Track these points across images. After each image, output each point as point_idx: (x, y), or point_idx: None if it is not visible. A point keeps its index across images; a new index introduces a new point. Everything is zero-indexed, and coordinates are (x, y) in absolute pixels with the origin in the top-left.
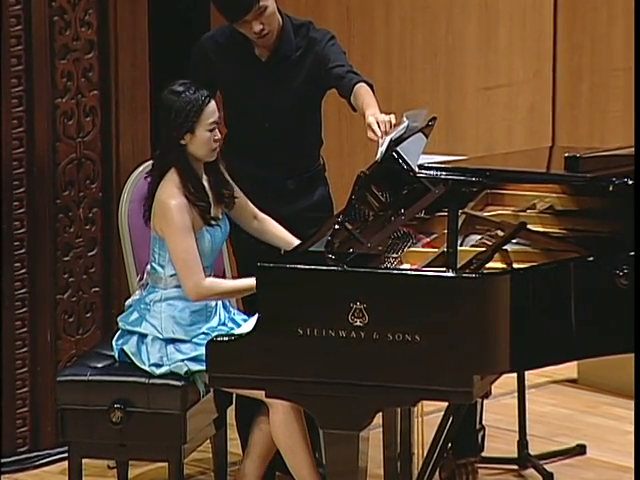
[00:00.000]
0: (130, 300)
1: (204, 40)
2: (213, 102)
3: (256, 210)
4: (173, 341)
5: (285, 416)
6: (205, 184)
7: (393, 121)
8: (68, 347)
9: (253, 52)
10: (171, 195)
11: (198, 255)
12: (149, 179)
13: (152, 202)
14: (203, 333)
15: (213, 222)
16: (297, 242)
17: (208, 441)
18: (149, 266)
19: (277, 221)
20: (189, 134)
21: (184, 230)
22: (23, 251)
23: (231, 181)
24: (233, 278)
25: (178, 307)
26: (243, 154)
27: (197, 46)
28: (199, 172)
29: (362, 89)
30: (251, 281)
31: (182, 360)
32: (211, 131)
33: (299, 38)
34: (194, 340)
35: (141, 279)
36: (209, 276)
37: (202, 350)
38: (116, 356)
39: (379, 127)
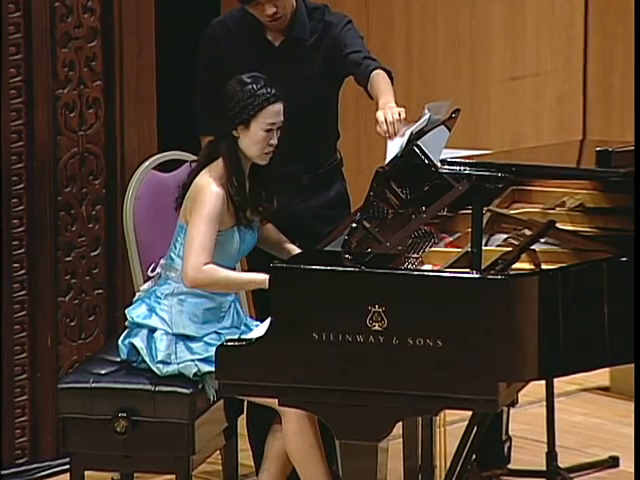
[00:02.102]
0: (139, 293)
1: (214, 25)
2: (280, 104)
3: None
4: (183, 338)
5: (298, 425)
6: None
7: (403, 116)
8: (70, 352)
9: (265, 37)
10: (212, 182)
11: (213, 244)
12: (193, 164)
13: (188, 188)
14: (215, 332)
15: (246, 222)
16: (298, 251)
17: (217, 452)
18: (164, 257)
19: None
20: (243, 126)
21: (211, 217)
22: (22, 251)
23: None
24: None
25: (190, 303)
26: None
27: (206, 32)
28: (245, 170)
29: (378, 76)
30: (256, 275)
31: (192, 360)
32: (267, 131)
33: (314, 22)
34: (205, 339)
35: (153, 270)
36: None
37: (214, 352)
38: (124, 354)
39: (387, 127)
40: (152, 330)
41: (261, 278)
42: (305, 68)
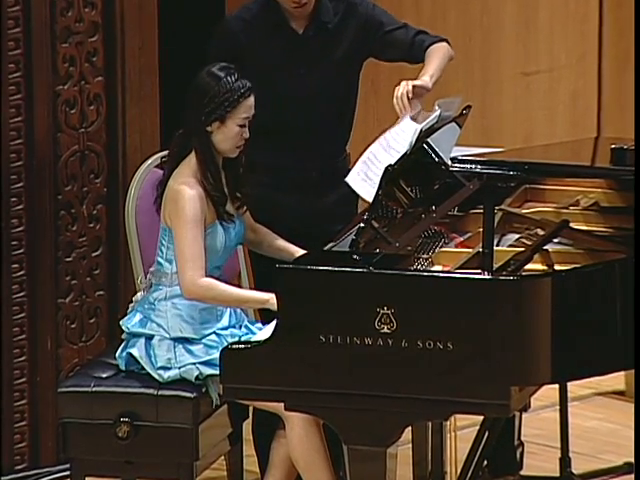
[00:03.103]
0: (133, 303)
1: (230, 21)
2: (253, 97)
3: (252, 221)
4: (182, 341)
5: (304, 430)
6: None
7: (409, 88)
8: (70, 355)
9: (289, 25)
10: (186, 183)
11: (203, 250)
12: (164, 166)
13: (165, 189)
14: (214, 333)
15: (227, 217)
16: (300, 252)
17: (222, 458)
18: (153, 266)
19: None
20: (218, 123)
21: (194, 221)
22: (21, 251)
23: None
24: (249, 282)
25: (185, 305)
26: (265, 142)
27: (221, 29)
28: (219, 164)
29: (430, 52)
30: (256, 294)
31: (193, 363)
32: (241, 126)
33: (334, 2)
34: (205, 341)
35: (145, 278)
36: (218, 277)
37: (215, 353)
38: (123, 366)
39: (398, 106)
40: (149, 337)
41: (262, 298)
42: (330, 52)
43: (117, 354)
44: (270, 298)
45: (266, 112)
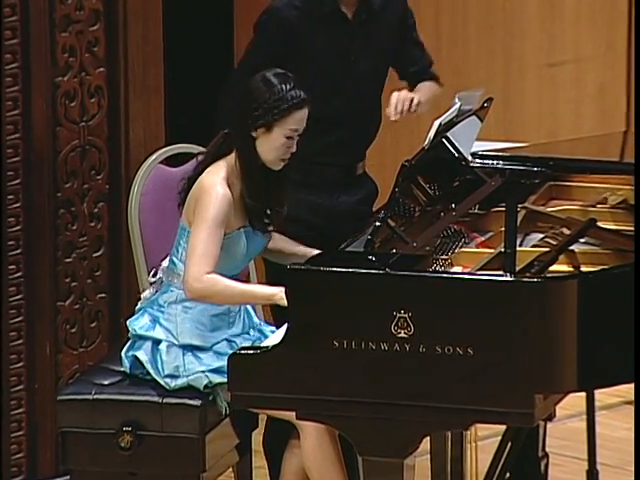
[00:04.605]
0: (141, 302)
1: (280, 10)
2: (306, 109)
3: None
4: (191, 348)
5: (318, 441)
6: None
7: (415, 101)
8: (70, 361)
9: (340, 9)
10: (217, 182)
11: (217, 251)
12: (200, 157)
13: (193, 183)
14: (226, 340)
15: (260, 226)
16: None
17: (230, 470)
18: (166, 261)
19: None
20: (264, 129)
21: (216, 222)
22: (19, 251)
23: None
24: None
25: (196, 310)
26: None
27: (272, 18)
28: (259, 172)
29: (424, 86)
30: (262, 288)
31: (202, 371)
32: (289, 138)
33: None
34: (215, 348)
35: (154, 275)
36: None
37: (225, 361)
38: (127, 367)
39: (396, 106)
40: (157, 342)
41: (268, 292)
42: (377, 38)
43: (123, 352)
44: (278, 292)
45: (313, 101)
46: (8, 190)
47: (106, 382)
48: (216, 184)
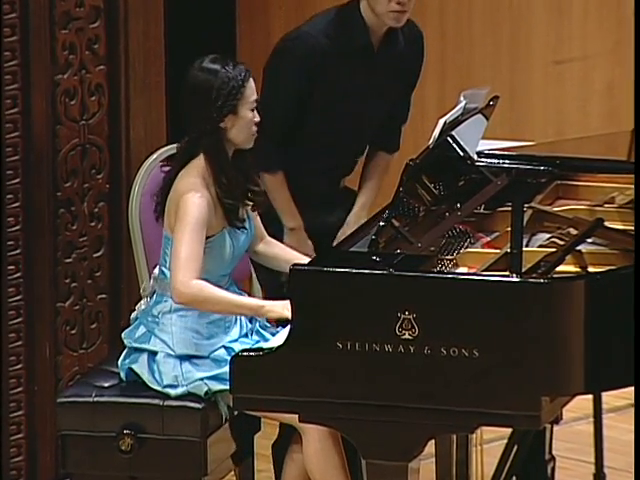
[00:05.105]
0: (135, 312)
1: (312, 35)
2: (252, 78)
3: (264, 232)
4: (188, 357)
5: (321, 444)
6: None
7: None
8: (70, 363)
9: (370, 41)
10: (193, 188)
11: (201, 255)
12: (166, 168)
13: (167, 194)
14: (224, 347)
15: (239, 224)
16: None
17: (232, 473)
18: (156, 270)
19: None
20: (231, 115)
21: (196, 226)
22: (18, 252)
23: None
24: (260, 286)
25: (191, 318)
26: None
27: (302, 44)
28: (230, 164)
29: (381, 163)
30: (252, 301)
31: (201, 379)
32: (252, 110)
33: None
34: (212, 356)
35: (150, 285)
36: (226, 285)
37: (224, 368)
38: (123, 377)
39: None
40: (153, 354)
41: (257, 304)
42: (396, 77)
43: (120, 361)
44: (266, 305)
45: (323, 125)
46: (7, 189)
47: (106, 384)
48: (192, 188)
